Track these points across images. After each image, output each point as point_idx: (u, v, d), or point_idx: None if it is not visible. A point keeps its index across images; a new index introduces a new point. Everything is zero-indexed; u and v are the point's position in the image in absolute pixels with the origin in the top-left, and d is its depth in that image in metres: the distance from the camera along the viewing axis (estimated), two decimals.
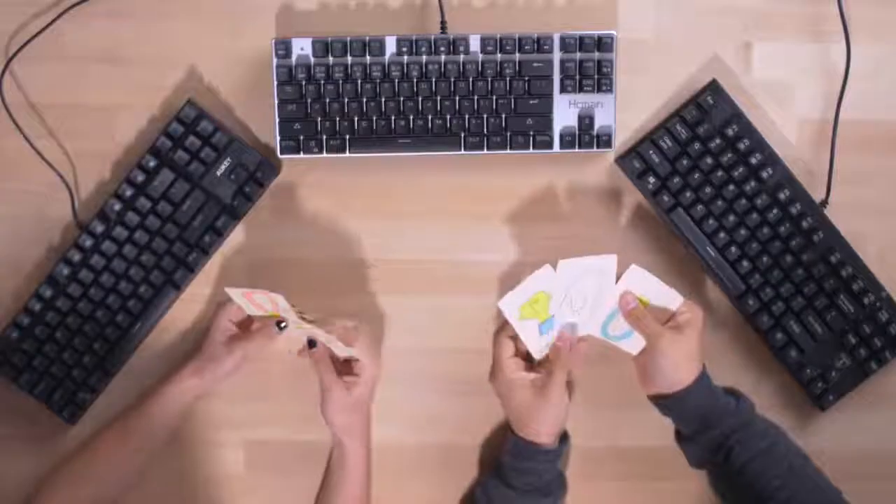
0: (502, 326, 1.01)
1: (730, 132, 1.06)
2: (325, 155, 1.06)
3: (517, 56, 1.04)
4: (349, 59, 1.04)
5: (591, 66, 1.05)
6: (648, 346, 0.99)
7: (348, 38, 1.04)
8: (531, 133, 1.05)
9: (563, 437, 1.04)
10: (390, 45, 1.04)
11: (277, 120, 1.05)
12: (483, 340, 1.10)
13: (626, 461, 1.11)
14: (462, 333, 1.10)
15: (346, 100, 1.04)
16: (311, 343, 1.02)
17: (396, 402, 1.10)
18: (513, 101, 1.05)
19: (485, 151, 1.06)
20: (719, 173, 1.06)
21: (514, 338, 1.00)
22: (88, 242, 1.06)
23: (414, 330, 1.10)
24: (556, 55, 1.04)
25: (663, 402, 1.00)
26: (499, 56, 1.04)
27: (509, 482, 1.01)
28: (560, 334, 1.01)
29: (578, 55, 1.04)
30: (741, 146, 1.06)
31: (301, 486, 1.05)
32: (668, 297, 1.00)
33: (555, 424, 1.01)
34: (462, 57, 1.04)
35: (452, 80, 1.04)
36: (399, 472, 1.11)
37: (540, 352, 1.02)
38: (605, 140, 1.06)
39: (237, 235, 1.09)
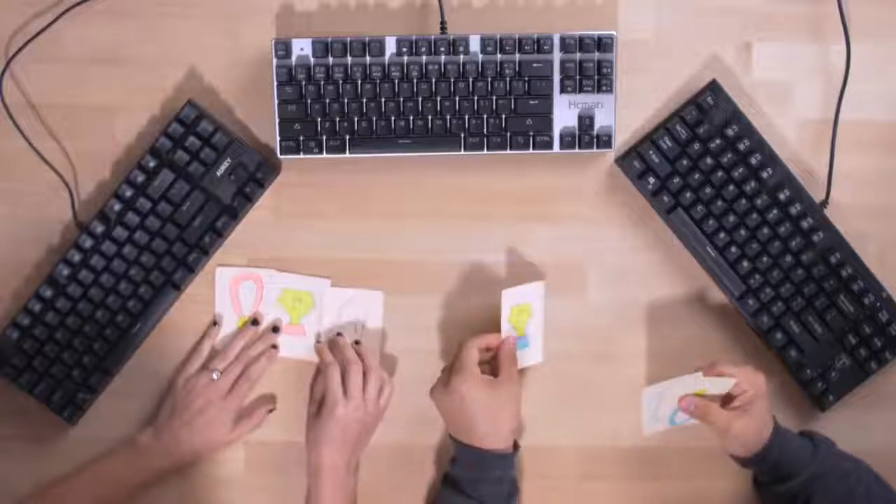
0: (474, 337, 1.04)
1: (730, 132, 1.06)
2: (324, 155, 1.06)
3: (517, 56, 1.04)
4: (349, 59, 1.04)
5: (591, 66, 1.04)
6: (721, 431, 0.99)
7: (348, 39, 1.04)
8: (531, 133, 1.05)
9: (515, 446, 1.05)
10: (390, 46, 1.04)
11: (277, 120, 1.05)
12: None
13: (626, 461, 1.11)
14: (462, 333, 1.10)
15: (346, 100, 1.04)
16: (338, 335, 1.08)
17: (396, 401, 1.10)
18: (513, 101, 1.05)
19: (485, 152, 1.06)
20: (719, 173, 1.06)
21: (481, 350, 1.04)
22: (88, 243, 1.06)
23: (414, 330, 1.10)
24: (556, 55, 1.04)
25: (741, 460, 1.02)
26: (499, 56, 1.04)
27: (471, 494, 1.01)
28: (506, 339, 1.05)
29: (578, 55, 1.04)
30: (741, 146, 1.06)
31: (301, 486, 1.05)
32: (722, 382, 1.00)
33: (513, 423, 1.03)
34: (462, 57, 1.04)
35: (452, 80, 1.04)
36: (398, 472, 1.11)
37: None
38: (605, 140, 1.06)
39: (237, 235, 1.09)
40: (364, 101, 1.04)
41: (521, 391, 1.04)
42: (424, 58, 1.04)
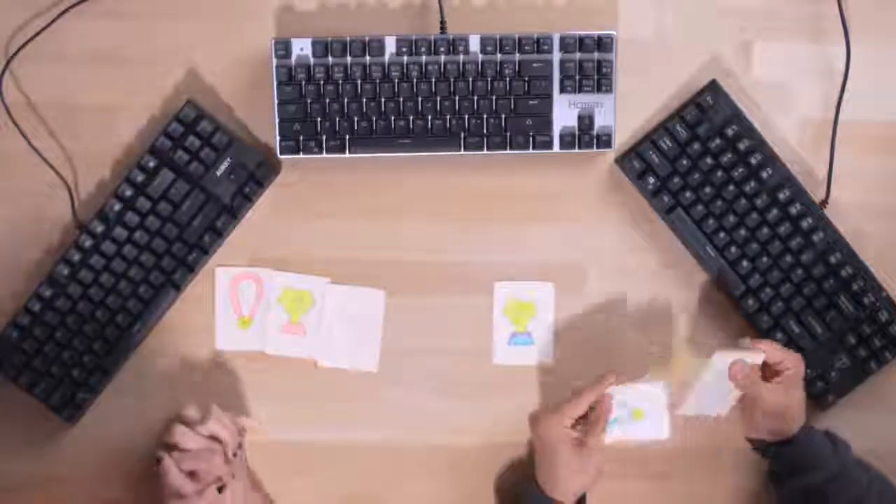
0: (596, 387, 1.02)
1: (730, 132, 1.06)
2: (324, 155, 1.06)
3: (517, 56, 1.04)
4: (349, 59, 1.04)
5: (591, 66, 1.04)
6: (757, 404, 1.00)
7: (348, 39, 1.04)
8: (531, 133, 1.05)
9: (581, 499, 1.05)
10: (390, 46, 1.04)
11: (277, 120, 1.05)
12: (483, 341, 1.10)
13: (627, 461, 1.11)
14: (462, 333, 1.10)
15: (345, 100, 1.04)
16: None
17: (396, 402, 1.10)
18: (512, 101, 1.05)
19: (485, 151, 1.06)
20: (719, 173, 1.06)
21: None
22: (88, 242, 1.06)
23: (414, 330, 1.10)
24: (556, 55, 1.04)
25: (764, 447, 1.02)
26: (498, 56, 1.04)
27: None
28: (604, 398, 1.03)
29: (578, 55, 1.04)
30: (741, 146, 1.06)
31: (301, 486, 1.05)
32: (755, 357, 1.00)
33: (583, 486, 1.02)
34: (462, 57, 1.04)
35: (452, 80, 1.04)
36: (399, 472, 1.11)
37: (500, 358, 1.08)
38: (604, 140, 1.06)
39: (237, 235, 1.09)
40: (364, 100, 1.04)
41: (602, 459, 1.02)
42: (424, 58, 1.04)
